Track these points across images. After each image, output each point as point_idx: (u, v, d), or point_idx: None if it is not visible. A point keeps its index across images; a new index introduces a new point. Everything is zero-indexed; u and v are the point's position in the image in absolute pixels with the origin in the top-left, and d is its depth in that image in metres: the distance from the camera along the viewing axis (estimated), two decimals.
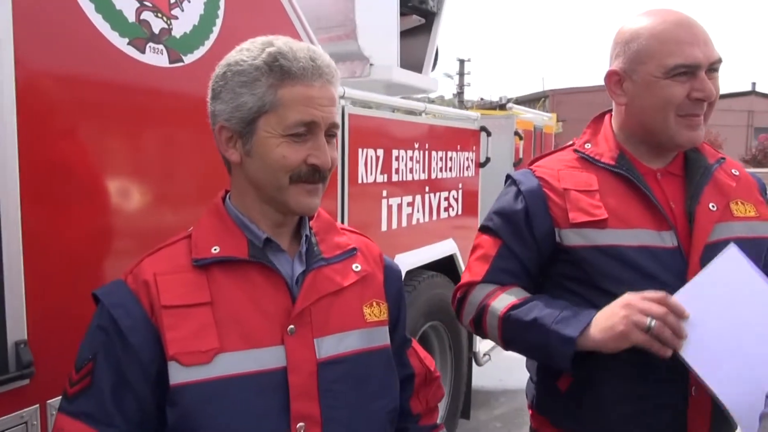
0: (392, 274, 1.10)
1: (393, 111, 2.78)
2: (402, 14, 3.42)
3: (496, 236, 1.36)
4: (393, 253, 2.55)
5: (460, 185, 3.20)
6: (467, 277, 1.40)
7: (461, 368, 3.17)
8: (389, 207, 2.55)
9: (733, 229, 1.27)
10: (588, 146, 1.36)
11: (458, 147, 3.16)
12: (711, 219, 1.26)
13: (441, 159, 2.98)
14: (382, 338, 1.03)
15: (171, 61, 1.48)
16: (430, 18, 3.76)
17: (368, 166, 2.41)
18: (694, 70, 1.21)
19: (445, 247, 3.02)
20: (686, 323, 1.10)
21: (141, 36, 1.40)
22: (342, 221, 2.20)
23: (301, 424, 0.91)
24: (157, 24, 1.44)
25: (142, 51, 1.41)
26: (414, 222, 2.76)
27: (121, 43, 1.36)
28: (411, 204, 2.73)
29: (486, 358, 3.51)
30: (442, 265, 2.98)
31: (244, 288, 0.94)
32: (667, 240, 1.23)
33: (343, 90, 2.26)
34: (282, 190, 0.94)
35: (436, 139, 2.94)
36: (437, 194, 2.96)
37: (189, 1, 1.52)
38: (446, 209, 3.07)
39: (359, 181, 2.35)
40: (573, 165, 1.34)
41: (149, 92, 1.44)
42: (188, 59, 1.52)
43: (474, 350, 3.36)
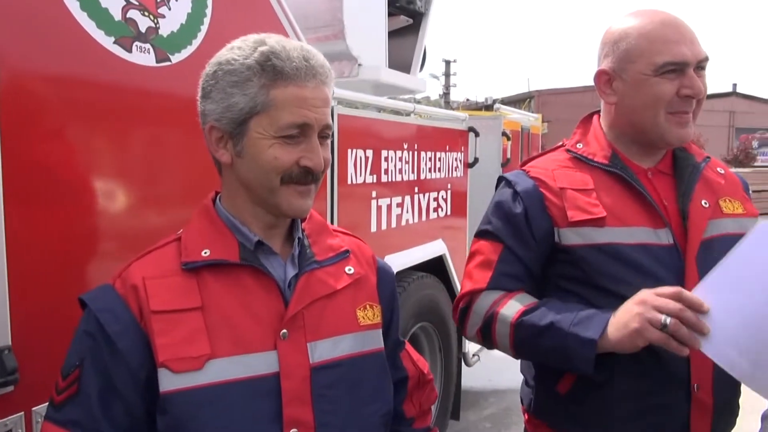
0: (385, 276, 1.09)
1: (381, 111, 2.77)
2: (390, 14, 3.41)
3: (497, 240, 1.33)
4: (382, 254, 2.54)
5: (449, 186, 3.20)
6: (469, 286, 1.35)
7: (451, 369, 3.17)
8: (378, 208, 2.54)
9: (725, 226, 1.29)
10: (580, 146, 1.36)
11: (447, 147, 3.16)
12: (704, 216, 1.27)
13: (430, 159, 2.98)
14: (376, 341, 1.01)
15: (158, 61, 1.45)
16: (418, 18, 3.75)
17: (358, 167, 2.39)
18: (683, 68, 1.22)
19: (435, 248, 3.01)
20: (707, 317, 1.04)
21: (127, 35, 1.38)
22: (332, 222, 2.19)
23: (294, 430, 0.89)
24: (144, 23, 1.42)
25: (129, 50, 1.38)
26: (403, 223, 2.75)
27: (107, 42, 1.34)
28: (400, 205, 2.72)
29: (475, 359, 3.51)
30: (432, 266, 2.97)
31: (236, 292, 0.92)
32: (663, 237, 1.24)
33: (333, 90, 2.24)
34: (273, 192, 0.92)
35: (425, 140, 2.94)
36: (426, 195, 2.95)
37: (176, 0, 1.49)
38: (435, 210, 3.06)
39: (349, 182, 2.33)
40: (566, 165, 1.34)
41: (136, 92, 1.41)
42: (176, 58, 1.49)
43: (463, 351, 3.36)
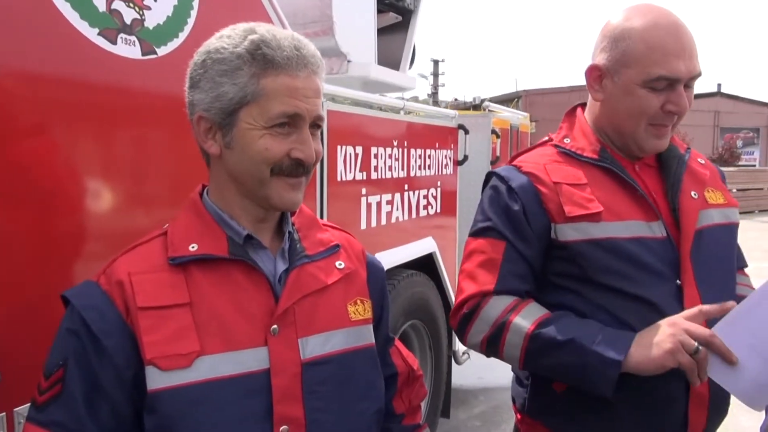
0: (375, 271, 1.07)
1: (373, 109, 2.75)
2: (379, 11, 3.39)
3: (500, 237, 1.27)
4: (372, 252, 2.49)
5: (439, 183, 3.18)
6: (474, 288, 1.27)
7: (441, 367, 3.16)
8: (368, 205, 2.52)
9: (712, 217, 1.30)
10: (567, 141, 1.35)
11: (436, 145, 3.15)
12: (695, 207, 1.28)
13: (420, 157, 2.96)
14: (367, 337, 0.99)
15: (144, 53, 1.42)
16: (407, 15, 3.74)
17: (347, 164, 2.37)
18: (674, 83, 1.21)
19: (425, 246, 3.00)
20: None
21: (112, 26, 1.35)
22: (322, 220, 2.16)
23: (284, 427, 0.87)
24: (129, 14, 1.38)
25: (114, 42, 1.35)
26: (393, 220, 2.73)
27: (91, 34, 1.30)
28: (390, 202, 2.70)
29: (465, 357, 3.50)
30: (422, 264, 2.96)
31: (225, 287, 0.90)
32: (656, 230, 1.24)
33: (324, 81, 2.22)
34: (263, 184, 0.90)
35: (415, 137, 2.92)
36: (416, 192, 2.93)
37: None
38: (425, 207, 3.05)
39: (338, 179, 2.31)
40: (556, 160, 1.32)
41: (121, 85, 1.38)
42: (162, 51, 1.46)
43: (453, 349, 3.35)
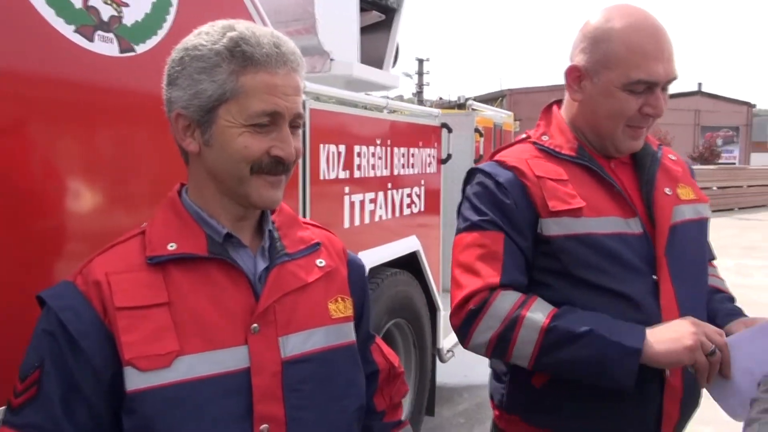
0: (356, 269, 1.07)
1: (356, 107, 2.75)
2: (362, 10, 3.38)
3: (497, 230, 1.25)
4: (356, 251, 2.49)
5: (423, 182, 3.19)
6: (478, 282, 1.22)
7: (425, 365, 3.16)
8: (351, 204, 2.52)
9: (684, 212, 1.32)
10: (545, 138, 1.36)
11: (420, 143, 3.15)
12: (669, 203, 1.30)
13: (403, 155, 2.97)
14: (348, 335, 0.99)
15: (122, 51, 1.40)
16: (390, 14, 3.74)
17: (330, 163, 2.36)
18: (652, 86, 1.23)
19: (409, 244, 3.00)
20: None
21: (89, 23, 1.33)
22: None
23: (265, 426, 0.87)
24: (106, 11, 1.37)
25: (90, 39, 1.33)
26: (377, 219, 2.73)
27: (67, 31, 1.28)
28: (373, 201, 2.70)
29: (450, 355, 3.51)
30: (406, 262, 2.96)
31: (204, 286, 0.89)
32: (634, 226, 1.25)
33: (305, 84, 2.21)
34: (243, 182, 0.90)
35: (398, 136, 2.92)
36: (400, 191, 2.94)
37: None
38: (409, 206, 3.05)
39: (321, 178, 2.31)
40: (536, 156, 1.33)
41: (98, 82, 1.37)
42: (140, 49, 1.45)
43: (438, 347, 3.36)
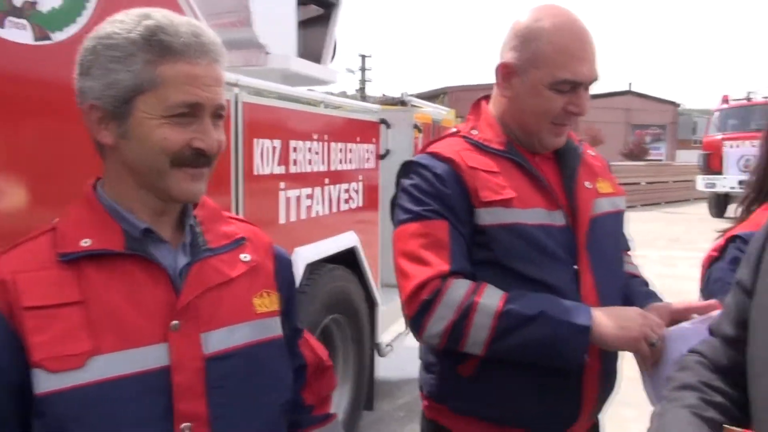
0: (283, 263, 1.06)
1: (291, 101, 2.72)
2: (300, 3, 3.35)
3: (440, 218, 1.27)
4: (292, 247, 2.50)
5: (361, 177, 3.20)
6: (428, 271, 1.23)
7: (364, 360, 3.18)
8: (287, 199, 2.49)
9: (603, 205, 1.38)
10: (475, 132, 1.38)
11: (358, 139, 3.16)
12: (590, 196, 1.36)
13: (341, 151, 2.96)
14: (274, 329, 0.99)
15: (36, 38, 1.34)
16: (329, 8, 3.72)
17: (264, 158, 2.33)
18: (576, 86, 1.28)
19: (347, 240, 3.00)
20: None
21: None
22: (237, 215, 2.12)
23: (187, 425, 0.85)
24: None
25: (1, 25, 1.26)
26: (314, 214, 2.72)
27: None
28: (310, 196, 2.68)
29: (389, 349, 3.54)
30: (344, 258, 2.97)
31: (121, 283, 0.86)
32: (557, 218, 1.30)
33: (238, 78, 2.18)
34: (163, 175, 0.87)
35: (336, 131, 2.92)
36: (337, 186, 2.93)
37: None
38: (347, 201, 3.05)
39: (255, 173, 2.27)
40: (467, 148, 1.36)
41: (9, 70, 1.29)
42: (57, 37, 1.38)
43: (377, 341, 3.38)
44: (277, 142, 2.42)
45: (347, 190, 3.06)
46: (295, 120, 2.61)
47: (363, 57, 34.00)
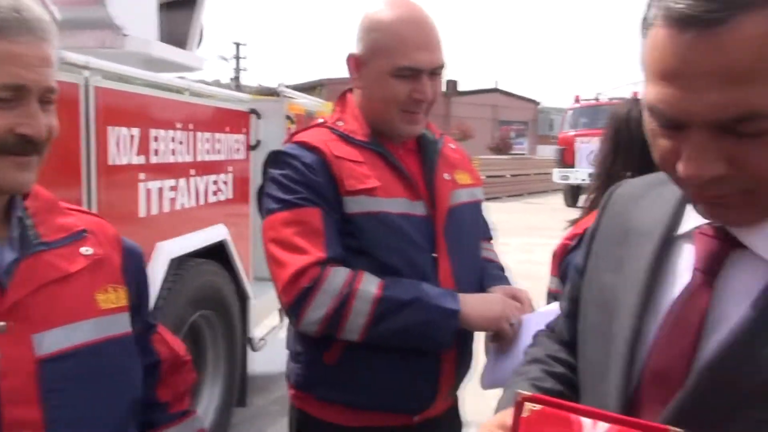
0: (132, 256, 1.01)
1: (152, 88, 2.57)
2: None
3: (313, 206, 1.28)
4: (155, 241, 2.37)
5: (230, 169, 3.10)
6: (305, 258, 1.24)
7: (235, 356, 3.10)
8: (148, 191, 2.36)
9: (461, 196, 1.46)
10: (341, 124, 1.41)
11: (227, 129, 3.06)
12: (447, 188, 1.42)
13: (208, 141, 2.85)
14: (121, 326, 0.93)
15: None
16: None
17: (121, 147, 2.18)
18: (418, 74, 1.32)
19: (215, 233, 2.90)
20: None
21: None
22: (89, 208, 1.97)
23: None
24: None
25: None
26: (179, 207, 2.59)
27: None
28: (174, 188, 2.56)
29: (262, 343, 3.49)
30: (213, 252, 2.87)
31: None
32: (418, 208, 1.36)
33: (87, 60, 2.02)
34: None
35: (203, 120, 2.80)
36: (204, 178, 2.82)
37: None
38: (215, 193, 2.95)
39: (110, 163, 2.12)
40: (333, 139, 1.37)
41: None
42: None
43: (249, 336, 3.31)
44: (136, 131, 2.28)
45: (216, 182, 2.95)
46: (157, 107, 2.47)
47: (237, 45, 32.96)
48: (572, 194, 15.19)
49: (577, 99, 16.53)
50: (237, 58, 32.89)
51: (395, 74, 1.31)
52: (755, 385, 0.62)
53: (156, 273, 2.31)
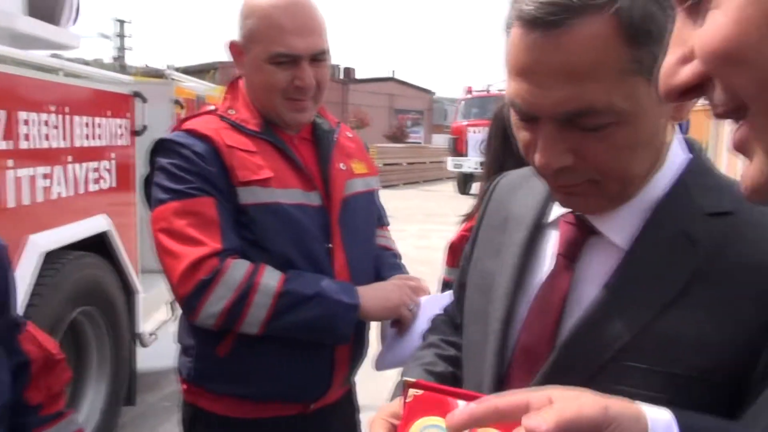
0: None
1: (19, 66, 2.35)
2: None
3: (207, 195, 1.24)
4: (26, 233, 2.19)
5: (113, 155, 2.92)
6: (201, 250, 1.20)
7: (122, 353, 2.94)
8: (17, 179, 2.16)
9: (356, 185, 1.46)
10: (232, 112, 1.37)
11: (108, 113, 2.87)
12: (342, 178, 1.42)
13: (87, 125, 2.66)
14: None
15: None
16: None
17: None
18: (296, 60, 1.29)
19: (96, 224, 2.72)
20: None
21: None
22: None
23: None
24: None
25: None
26: (54, 196, 2.41)
27: None
28: (49, 176, 2.37)
29: (153, 338, 3.34)
30: (94, 244, 2.69)
31: None
32: (314, 199, 1.35)
33: None
34: None
35: (80, 103, 2.61)
36: (83, 165, 2.63)
37: None
38: (96, 182, 2.76)
39: None
40: (225, 128, 1.34)
41: None
42: None
43: (138, 331, 3.16)
44: (2, 113, 2.08)
45: (96, 169, 2.77)
46: (26, 88, 2.26)
47: (121, 22, 30.71)
48: (464, 182, 15.80)
49: (469, 90, 17.12)
50: (120, 37, 30.69)
51: (272, 61, 1.29)
52: (604, 361, 0.69)
53: (27, 268, 2.14)
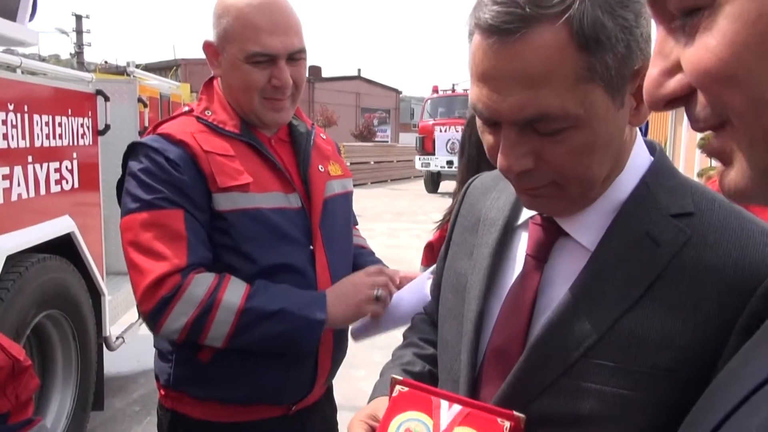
0: None
1: None
2: None
3: (175, 207, 1.21)
4: None
5: (75, 155, 2.85)
6: (165, 265, 1.17)
7: (89, 357, 2.87)
8: None
9: (334, 187, 1.45)
10: (209, 114, 1.34)
11: (69, 112, 2.79)
12: (322, 179, 1.41)
13: (47, 125, 2.59)
14: None
15: None
16: None
17: None
18: (274, 59, 1.28)
19: (60, 225, 2.65)
20: None
21: None
22: None
23: None
24: None
25: None
26: (14, 198, 2.33)
27: None
28: (8, 177, 2.30)
29: (120, 341, 3.27)
30: (58, 246, 2.62)
31: None
32: (294, 201, 1.34)
33: None
34: None
35: (39, 101, 2.53)
36: (44, 165, 2.56)
37: None
38: (58, 182, 2.69)
39: None
40: (202, 130, 1.31)
41: None
42: None
43: (105, 335, 3.09)
44: None
45: (58, 170, 2.69)
46: None
47: (78, 17, 29.85)
48: (433, 181, 15.90)
49: (436, 89, 17.23)
50: (79, 32, 29.82)
51: (249, 61, 1.27)
52: (573, 359, 0.71)
53: None
